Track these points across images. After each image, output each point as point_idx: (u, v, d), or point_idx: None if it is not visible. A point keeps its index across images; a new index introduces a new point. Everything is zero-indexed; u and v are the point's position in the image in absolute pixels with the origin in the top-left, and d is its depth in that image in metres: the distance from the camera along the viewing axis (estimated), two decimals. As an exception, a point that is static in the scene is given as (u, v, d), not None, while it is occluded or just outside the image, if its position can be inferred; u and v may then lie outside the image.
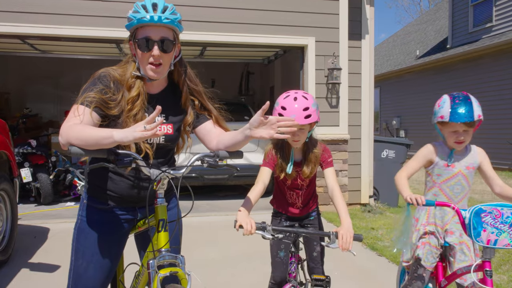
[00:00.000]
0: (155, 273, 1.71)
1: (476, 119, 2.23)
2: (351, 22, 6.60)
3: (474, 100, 2.26)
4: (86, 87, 1.77)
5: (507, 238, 1.96)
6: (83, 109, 1.69)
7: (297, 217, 2.47)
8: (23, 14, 5.54)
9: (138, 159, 1.70)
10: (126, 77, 1.81)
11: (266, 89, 11.82)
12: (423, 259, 2.42)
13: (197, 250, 4.42)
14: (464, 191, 2.40)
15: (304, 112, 2.11)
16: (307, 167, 2.30)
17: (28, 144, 6.94)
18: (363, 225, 5.61)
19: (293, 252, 2.27)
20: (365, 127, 6.86)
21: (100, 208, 1.92)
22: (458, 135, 2.29)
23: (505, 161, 11.47)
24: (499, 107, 11.64)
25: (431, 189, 2.47)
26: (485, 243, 1.99)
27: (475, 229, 1.99)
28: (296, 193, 2.42)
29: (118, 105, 1.77)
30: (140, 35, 1.76)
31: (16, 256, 4.15)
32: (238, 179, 7.24)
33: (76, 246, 1.92)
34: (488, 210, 1.98)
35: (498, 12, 12.11)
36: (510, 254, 4.32)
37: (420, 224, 2.49)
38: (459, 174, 2.38)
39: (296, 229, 2.16)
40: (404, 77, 16.51)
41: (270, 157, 2.31)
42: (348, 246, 1.95)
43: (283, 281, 2.34)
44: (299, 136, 2.20)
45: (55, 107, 11.47)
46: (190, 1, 5.98)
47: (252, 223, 1.92)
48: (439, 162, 2.41)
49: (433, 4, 32.43)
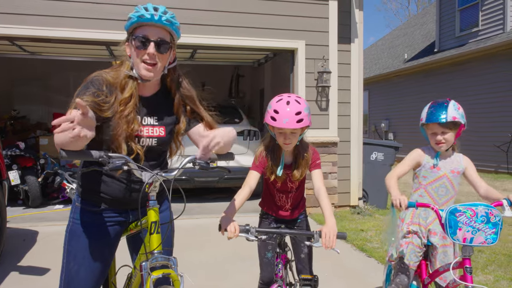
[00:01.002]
0: (147, 275, 1.72)
1: (450, 120, 2.36)
2: (340, 26, 6.67)
3: (452, 105, 2.39)
4: (79, 91, 1.78)
5: (482, 236, 2.04)
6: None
7: (285, 219, 2.50)
8: (12, 16, 5.50)
9: (130, 162, 1.71)
10: (119, 79, 1.82)
11: (256, 92, 11.86)
12: (406, 257, 2.52)
13: (188, 252, 4.43)
14: (449, 194, 2.51)
15: (297, 116, 2.13)
16: (297, 171, 2.34)
17: (17, 146, 6.88)
18: (353, 226, 5.67)
19: (278, 252, 2.30)
20: (354, 130, 6.93)
21: (92, 210, 1.92)
22: (436, 136, 2.43)
23: (491, 163, 11.65)
24: (486, 110, 11.83)
25: (417, 191, 2.58)
26: (461, 241, 2.07)
27: (451, 228, 2.07)
28: (286, 195, 2.45)
29: (111, 107, 1.78)
30: (138, 33, 1.78)
31: (5, 260, 4.12)
32: (228, 181, 7.26)
33: (68, 248, 1.92)
34: (462, 209, 2.06)
35: (484, 17, 12.31)
36: (496, 255, 4.41)
37: (405, 224, 2.59)
38: (444, 176, 2.49)
39: (279, 229, 2.18)
40: (393, 80, 16.68)
41: (260, 159, 2.34)
42: (332, 244, 1.97)
43: (271, 281, 2.37)
44: (290, 140, 2.23)
45: (43, 109, 11.37)
46: (180, 3, 6.00)
47: (236, 226, 1.95)
48: (426, 165, 2.52)
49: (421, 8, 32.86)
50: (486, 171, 11.58)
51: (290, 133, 2.20)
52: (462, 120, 2.40)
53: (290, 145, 2.27)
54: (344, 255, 4.48)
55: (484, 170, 11.66)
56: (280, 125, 2.16)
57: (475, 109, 12.24)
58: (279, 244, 2.31)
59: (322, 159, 6.55)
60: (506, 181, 10.02)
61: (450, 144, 2.47)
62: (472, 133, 12.34)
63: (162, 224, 1.89)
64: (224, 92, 12.14)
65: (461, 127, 2.44)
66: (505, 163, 11.19)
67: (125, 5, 5.83)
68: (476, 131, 12.21)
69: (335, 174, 6.63)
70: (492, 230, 2.04)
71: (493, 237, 2.03)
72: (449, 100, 2.44)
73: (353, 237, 5.08)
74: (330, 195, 2.51)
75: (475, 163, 2.63)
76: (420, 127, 2.55)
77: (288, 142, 2.24)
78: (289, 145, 2.26)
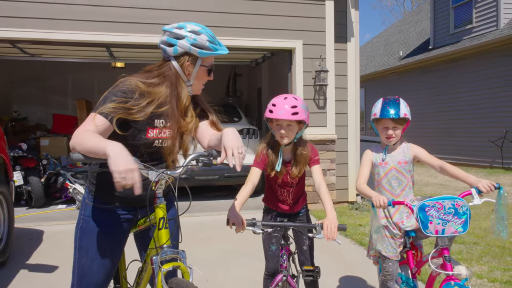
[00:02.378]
0: (158, 268, 1.82)
1: (402, 117, 2.53)
2: (337, 26, 6.80)
3: (403, 102, 2.58)
4: (106, 96, 1.82)
5: (453, 227, 2.20)
6: (101, 120, 1.75)
7: (287, 213, 2.62)
8: (14, 19, 5.59)
9: (137, 162, 1.78)
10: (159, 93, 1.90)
11: (253, 91, 11.95)
12: (384, 250, 2.65)
13: (192, 249, 4.52)
14: (403, 184, 2.65)
15: (292, 109, 2.29)
16: (295, 167, 2.47)
17: (19, 147, 6.97)
18: (351, 222, 5.80)
19: (283, 245, 2.40)
20: (351, 127, 7.07)
21: (103, 208, 2.02)
22: (387, 130, 2.59)
23: (486, 158, 11.81)
24: (480, 106, 11.99)
25: (376, 188, 2.73)
26: (434, 233, 2.22)
27: (423, 222, 2.22)
28: (287, 190, 2.57)
29: (142, 110, 1.84)
30: (207, 63, 2.02)
31: (13, 258, 4.22)
32: (228, 179, 7.36)
33: (79, 244, 2.00)
34: (430, 204, 2.22)
35: (478, 14, 12.46)
36: (490, 247, 4.55)
37: (378, 218, 2.73)
38: (393, 169, 2.65)
39: (284, 223, 2.32)
40: (389, 77, 16.81)
41: (261, 156, 2.48)
42: (333, 235, 2.11)
43: (276, 272, 2.49)
44: (287, 133, 2.36)
45: (43, 110, 11.43)
46: (177, 4, 6.11)
47: (243, 220, 2.11)
48: (376, 162, 2.70)
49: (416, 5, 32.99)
50: (481, 166, 11.75)
51: (286, 126, 2.34)
52: (409, 117, 2.57)
53: (286, 139, 2.38)
54: (343, 249, 4.61)
55: (479, 165, 11.83)
56: (276, 116, 2.31)
57: (469, 105, 12.41)
58: (283, 236, 2.41)
59: (321, 156, 6.70)
60: (501, 176, 10.18)
61: (398, 138, 2.63)
62: (467, 129, 12.52)
63: (169, 219, 2.00)
64: (221, 91, 12.22)
65: (408, 123, 2.61)
66: (500, 158, 11.36)
67: (126, 7, 5.94)
68: (471, 127, 12.38)
69: (333, 171, 6.76)
70: (462, 220, 2.20)
71: (464, 226, 2.20)
72: (398, 97, 2.63)
73: (352, 232, 5.21)
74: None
75: (471, 159, 2.77)
76: (371, 122, 2.72)
77: (284, 135, 2.36)
78: (286, 138, 2.37)
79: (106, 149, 1.58)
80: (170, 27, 1.96)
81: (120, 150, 1.60)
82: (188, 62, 1.96)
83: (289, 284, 2.31)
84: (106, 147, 1.59)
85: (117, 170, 1.54)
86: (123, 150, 1.60)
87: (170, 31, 1.94)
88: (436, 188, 9.01)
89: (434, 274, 2.42)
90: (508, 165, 11.12)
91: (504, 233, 2.37)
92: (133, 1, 5.98)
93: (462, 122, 12.69)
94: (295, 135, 2.41)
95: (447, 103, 13.25)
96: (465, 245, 4.64)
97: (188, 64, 1.96)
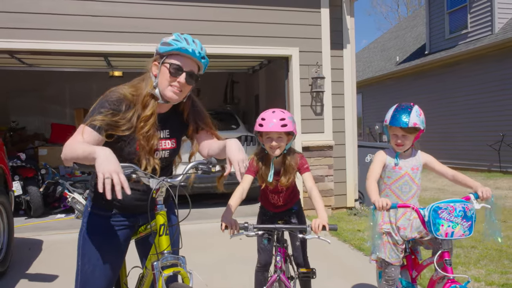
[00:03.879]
0: (159, 274, 1.86)
1: (411, 126, 2.51)
2: (333, 33, 6.86)
3: (415, 111, 2.55)
4: (94, 108, 1.87)
5: (461, 230, 2.25)
6: (90, 132, 1.80)
7: (280, 212, 2.78)
8: (14, 30, 5.64)
9: (138, 170, 1.84)
10: (140, 96, 1.92)
11: (251, 98, 11.99)
12: (387, 256, 2.66)
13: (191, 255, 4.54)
14: (412, 191, 2.66)
15: (281, 121, 2.41)
16: (284, 177, 2.59)
17: (17, 157, 6.98)
18: (350, 227, 5.82)
19: (276, 246, 2.51)
20: (349, 133, 7.11)
21: (104, 215, 2.05)
22: (397, 138, 2.59)
23: (484, 162, 11.85)
24: (477, 110, 12.05)
25: (384, 191, 2.72)
26: (444, 236, 2.25)
27: (434, 225, 2.25)
28: (278, 195, 2.72)
29: (127, 124, 1.88)
30: (173, 60, 1.89)
31: (13, 268, 4.22)
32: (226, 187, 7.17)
33: (82, 251, 2.04)
34: (443, 206, 2.26)
35: (473, 19, 12.56)
36: (488, 250, 4.57)
37: (377, 224, 2.72)
38: (406, 175, 2.65)
39: (275, 225, 2.42)
40: (385, 82, 16.90)
41: (252, 165, 2.60)
42: (319, 227, 2.20)
43: (267, 263, 2.68)
44: (278, 144, 2.47)
45: (40, 119, 11.45)
46: (174, 14, 6.17)
47: (236, 224, 2.22)
48: (388, 165, 2.68)
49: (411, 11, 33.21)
50: (479, 170, 11.79)
51: (277, 138, 2.45)
52: (421, 126, 2.56)
53: (277, 150, 2.48)
54: (342, 255, 4.63)
55: (477, 169, 11.87)
56: (266, 128, 2.42)
57: (466, 109, 12.48)
58: (277, 239, 2.52)
59: (318, 162, 6.74)
60: (499, 179, 10.21)
61: (408, 146, 2.63)
62: (464, 133, 12.57)
63: (170, 226, 2.04)
64: (219, 99, 12.27)
65: (421, 132, 2.60)
66: (498, 161, 11.40)
67: (122, 17, 5.99)
68: (468, 131, 12.44)
69: (331, 176, 6.78)
70: (468, 223, 2.25)
71: (469, 230, 2.26)
72: (413, 105, 2.61)
73: (351, 237, 5.23)
74: (327, 197, 2.73)
75: (469, 163, 2.81)
76: (384, 127, 2.72)
77: (275, 146, 2.46)
78: (277, 149, 2.48)
79: (94, 153, 1.63)
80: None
81: (108, 154, 1.63)
82: (156, 62, 1.94)
83: (284, 284, 2.41)
84: (94, 151, 1.63)
85: (101, 170, 1.57)
86: (110, 154, 1.64)
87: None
88: (434, 193, 9.04)
89: (434, 278, 2.44)
90: (506, 168, 11.16)
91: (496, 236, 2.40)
92: (129, 10, 6.03)
93: (460, 126, 12.75)
94: (285, 146, 2.51)
95: (444, 108, 13.31)
96: (462, 248, 4.67)
97: (154, 63, 1.95)
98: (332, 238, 5.24)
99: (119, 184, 1.57)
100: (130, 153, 1.94)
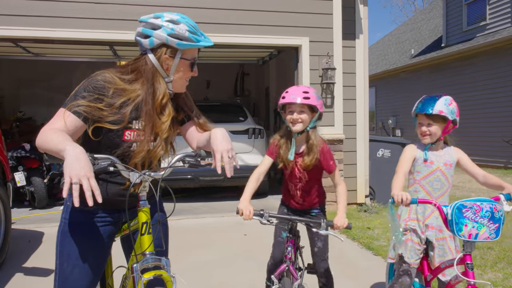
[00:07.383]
0: (139, 277, 1.70)
1: (436, 113, 2.36)
2: (345, 22, 6.60)
3: (444, 99, 2.41)
4: (78, 91, 1.70)
5: (486, 232, 2.02)
6: (72, 118, 1.64)
7: (298, 209, 2.64)
8: (16, 17, 5.51)
9: (117, 163, 1.67)
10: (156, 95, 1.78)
11: (261, 90, 11.82)
12: (407, 256, 2.50)
13: (194, 251, 4.41)
14: (444, 187, 2.49)
15: (304, 94, 2.36)
16: (308, 156, 2.44)
17: (22, 148, 6.91)
18: (359, 224, 5.60)
19: (288, 237, 2.46)
20: (360, 127, 6.87)
21: (84, 210, 1.88)
22: (422, 126, 2.46)
23: (501, 158, 11.49)
24: (494, 105, 11.68)
25: (412, 186, 2.57)
26: (467, 238, 2.04)
27: (457, 224, 2.04)
28: (295, 184, 2.57)
29: (116, 113, 1.72)
30: (188, 56, 1.81)
31: (9, 261, 4.12)
32: (234, 180, 7.15)
33: (60, 249, 1.88)
34: (469, 205, 2.04)
35: (492, 11, 12.15)
36: (505, 252, 4.33)
37: (402, 220, 2.55)
38: (438, 170, 2.49)
39: (290, 216, 2.38)
40: (400, 76, 16.53)
41: (273, 146, 2.53)
42: (344, 224, 2.27)
43: (280, 261, 2.54)
44: (299, 117, 2.37)
45: (48, 110, 11.41)
46: (183, 2, 5.98)
47: (251, 210, 2.18)
48: (418, 159, 2.53)
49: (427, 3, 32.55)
50: (495, 167, 11.44)
51: (299, 111, 2.37)
52: (450, 116, 2.38)
53: (299, 125, 2.39)
54: (351, 253, 4.43)
55: (494, 165, 11.52)
56: (288, 100, 2.37)
57: (483, 104, 12.10)
58: (290, 230, 2.46)
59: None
60: (516, 177, 9.88)
61: (435, 138, 2.46)
62: (481, 128, 12.21)
63: (154, 224, 1.87)
64: (229, 90, 12.12)
65: (449, 123, 2.42)
66: (515, 158, 11.05)
67: (128, 4, 5.83)
68: (485, 127, 12.07)
69: (341, 171, 6.55)
70: (496, 225, 2.02)
71: (496, 232, 2.03)
72: (444, 95, 2.46)
73: (360, 235, 5.02)
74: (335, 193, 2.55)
75: (485, 159, 2.62)
76: (414, 117, 2.59)
77: (296, 120, 2.38)
78: (298, 124, 2.39)
79: (64, 151, 1.45)
80: (146, 17, 1.80)
81: (78, 153, 1.45)
82: (166, 55, 1.78)
83: (291, 274, 2.37)
84: (64, 148, 1.46)
85: (68, 173, 1.39)
86: (81, 154, 1.46)
87: (146, 21, 1.78)
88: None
89: (453, 282, 2.24)
90: (523, 165, 10.80)
91: None
92: (135, -2, 5.86)
93: (476, 121, 12.37)
94: (308, 124, 2.41)
95: (461, 102, 12.82)
96: (478, 250, 4.42)
97: (166, 57, 1.78)
98: (340, 235, 5.04)
99: (89, 190, 1.40)
100: (117, 143, 1.78)
